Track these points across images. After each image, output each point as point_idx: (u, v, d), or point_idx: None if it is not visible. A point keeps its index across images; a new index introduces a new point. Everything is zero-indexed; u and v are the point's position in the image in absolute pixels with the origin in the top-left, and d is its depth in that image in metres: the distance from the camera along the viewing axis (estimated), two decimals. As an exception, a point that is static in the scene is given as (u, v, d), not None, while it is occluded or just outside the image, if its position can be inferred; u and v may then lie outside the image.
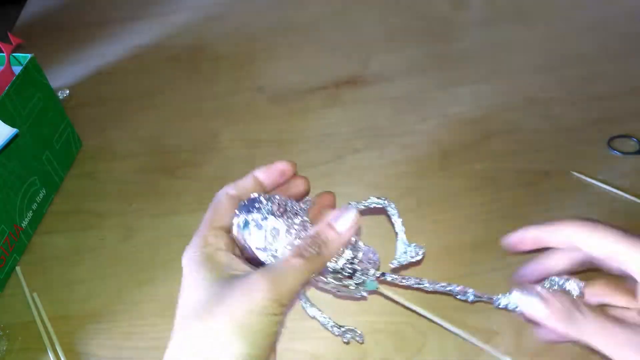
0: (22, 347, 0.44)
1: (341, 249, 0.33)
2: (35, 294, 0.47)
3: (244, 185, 0.35)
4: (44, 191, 0.54)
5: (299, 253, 0.31)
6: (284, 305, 0.29)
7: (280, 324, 0.30)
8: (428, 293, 0.36)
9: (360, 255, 0.34)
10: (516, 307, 0.33)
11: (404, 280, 0.36)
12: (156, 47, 0.74)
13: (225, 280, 0.30)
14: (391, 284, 0.36)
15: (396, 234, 0.37)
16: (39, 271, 0.49)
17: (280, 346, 0.32)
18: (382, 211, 0.37)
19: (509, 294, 0.33)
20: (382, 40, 0.71)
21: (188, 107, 0.65)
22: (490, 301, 0.35)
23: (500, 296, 0.34)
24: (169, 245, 0.50)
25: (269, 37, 0.74)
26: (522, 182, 0.52)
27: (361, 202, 0.37)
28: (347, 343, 0.35)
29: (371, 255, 0.36)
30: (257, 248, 0.32)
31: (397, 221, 0.37)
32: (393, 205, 0.37)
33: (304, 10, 0.78)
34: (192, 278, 0.31)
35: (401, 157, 0.55)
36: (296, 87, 0.65)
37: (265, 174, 0.36)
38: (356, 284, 0.34)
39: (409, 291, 0.38)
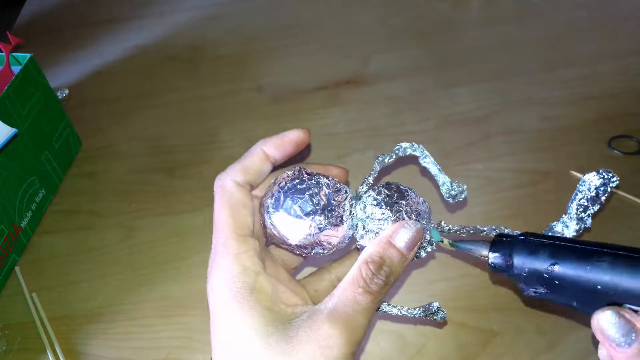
0: (21, 347, 0.44)
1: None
2: (34, 294, 0.47)
3: (253, 167, 0.30)
4: (44, 191, 0.54)
5: (366, 288, 0.26)
6: (356, 353, 0.26)
7: None
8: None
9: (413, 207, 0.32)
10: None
11: (464, 230, 0.34)
12: (156, 47, 0.74)
13: (286, 327, 0.25)
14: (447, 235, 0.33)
15: (434, 176, 0.35)
16: (38, 271, 0.49)
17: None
18: (412, 160, 0.35)
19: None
20: (382, 40, 0.71)
21: (188, 107, 0.65)
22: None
23: None
24: (169, 245, 0.50)
25: (269, 37, 0.74)
26: (522, 182, 0.52)
27: (391, 152, 0.34)
28: (442, 320, 0.32)
29: (422, 207, 0.33)
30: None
31: (432, 163, 0.34)
32: (422, 148, 0.34)
33: (304, 10, 0.78)
34: (239, 321, 0.25)
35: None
36: (296, 87, 0.65)
37: (275, 148, 0.31)
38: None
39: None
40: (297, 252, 0.32)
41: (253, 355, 0.25)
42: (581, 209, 0.32)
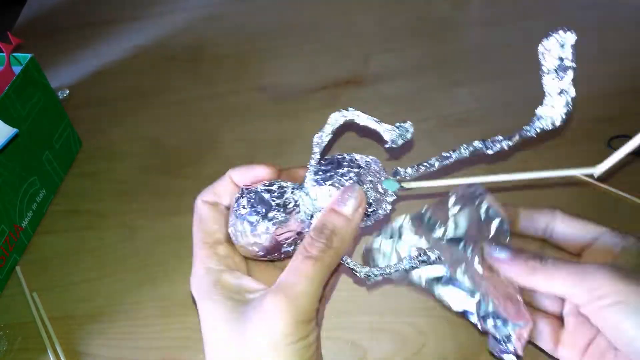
0: (22, 347, 0.44)
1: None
2: (35, 294, 0.47)
3: (220, 190, 0.34)
4: (44, 191, 0.54)
5: (306, 254, 0.28)
6: (310, 320, 0.27)
7: (314, 339, 0.27)
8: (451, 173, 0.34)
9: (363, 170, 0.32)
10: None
11: (422, 168, 0.33)
12: (156, 47, 0.74)
13: (242, 310, 0.27)
14: (408, 180, 0.33)
15: (376, 131, 0.34)
16: (38, 271, 0.49)
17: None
18: (351, 127, 0.35)
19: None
20: (382, 40, 0.71)
21: (188, 107, 0.65)
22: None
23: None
24: (169, 245, 0.50)
25: (269, 37, 0.74)
26: (522, 182, 0.52)
27: (323, 127, 0.34)
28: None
29: (374, 165, 0.33)
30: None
31: (369, 119, 0.34)
32: (353, 109, 0.34)
33: (304, 10, 0.78)
34: (207, 313, 0.29)
35: (401, 157, 0.55)
36: (296, 87, 0.65)
37: (241, 175, 0.34)
38: (376, 191, 0.32)
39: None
40: (269, 258, 0.33)
41: (221, 341, 0.28)
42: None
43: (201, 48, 0.73)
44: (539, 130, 0.33)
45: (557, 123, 0.32)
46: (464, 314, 0.32)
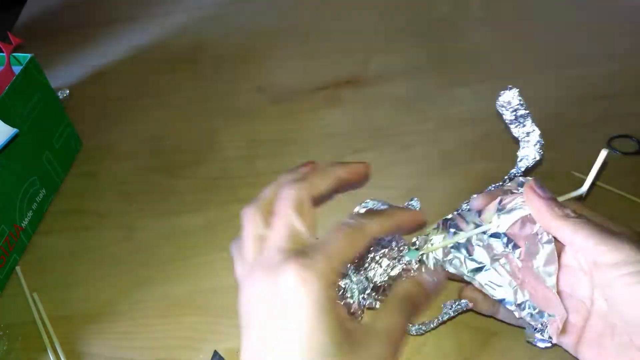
0: (22, 347, 0.44)
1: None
2: (35, 294, 0.47)
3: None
4: (44, 191, 0.54)
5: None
6: None
7: None
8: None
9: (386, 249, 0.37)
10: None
11: (440, 234, 0.38)
12: (156, 47, 0.74)
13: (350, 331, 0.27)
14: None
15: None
16: (39, 271, 0.49)
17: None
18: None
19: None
20: (382, 40, 0.71)
21: (188, 107, 0.65)
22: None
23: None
24: (169, 245, 0.50)
25: (268, 37, 0.74)
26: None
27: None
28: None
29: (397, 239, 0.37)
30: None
31: (381, 204, 0.39)
32: (371, 200, 0.39)
33: (304, 10, 0.78)
34: (320, 318, 0.26)
35: (401, 157, 0.55)
36: (296, 87, 0.65)
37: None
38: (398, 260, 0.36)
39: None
40: None
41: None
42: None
43: (201, 48, 0.73)
44: (523, 169, 0.38)
45: (537, 157, 0.37)
46: (501, 302, 0.35)
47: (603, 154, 0.34)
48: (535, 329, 0.33)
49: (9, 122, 0.46)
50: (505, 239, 0.35)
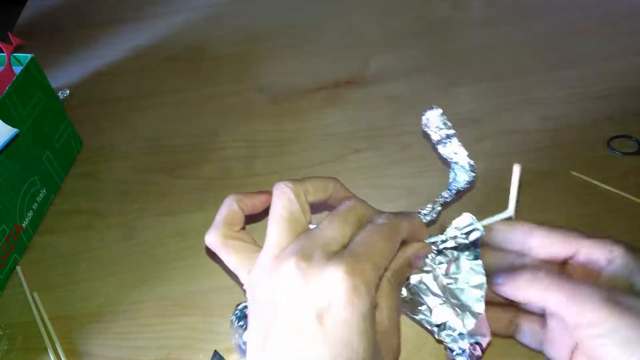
0: (23, 347, 0.44)
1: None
2: (35, 294, 0.47)
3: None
4: (45, 191, 0.54)
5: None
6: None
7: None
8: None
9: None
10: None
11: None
12: (156, 47, 0.74)
13: None
14: None
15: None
16: (39, 271, 0.49)
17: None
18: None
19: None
20: (382, 40, 0.71)
21: (188, 107, 0.65)
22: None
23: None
24: (170, 245, 0.50)
25: (269, 37, 0.74)
26: (522, 182, 0.51)
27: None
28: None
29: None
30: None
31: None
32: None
33: (304, 10, 0.78)
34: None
35: (401, 157, 0.55)
36: (296, 87, 0.65)
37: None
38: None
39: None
40: None
41: None
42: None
43: (201, 48, 0.73)
44: (455, 192, 0.38)
45: (468, 179, 0.37)
46: (420, 322, 0.34)
47: (516, 169, 0.33)
48: (453, 351, 0.32)
49: (9, 122, 0.46)
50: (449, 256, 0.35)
